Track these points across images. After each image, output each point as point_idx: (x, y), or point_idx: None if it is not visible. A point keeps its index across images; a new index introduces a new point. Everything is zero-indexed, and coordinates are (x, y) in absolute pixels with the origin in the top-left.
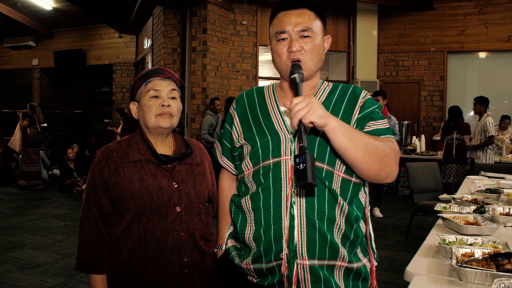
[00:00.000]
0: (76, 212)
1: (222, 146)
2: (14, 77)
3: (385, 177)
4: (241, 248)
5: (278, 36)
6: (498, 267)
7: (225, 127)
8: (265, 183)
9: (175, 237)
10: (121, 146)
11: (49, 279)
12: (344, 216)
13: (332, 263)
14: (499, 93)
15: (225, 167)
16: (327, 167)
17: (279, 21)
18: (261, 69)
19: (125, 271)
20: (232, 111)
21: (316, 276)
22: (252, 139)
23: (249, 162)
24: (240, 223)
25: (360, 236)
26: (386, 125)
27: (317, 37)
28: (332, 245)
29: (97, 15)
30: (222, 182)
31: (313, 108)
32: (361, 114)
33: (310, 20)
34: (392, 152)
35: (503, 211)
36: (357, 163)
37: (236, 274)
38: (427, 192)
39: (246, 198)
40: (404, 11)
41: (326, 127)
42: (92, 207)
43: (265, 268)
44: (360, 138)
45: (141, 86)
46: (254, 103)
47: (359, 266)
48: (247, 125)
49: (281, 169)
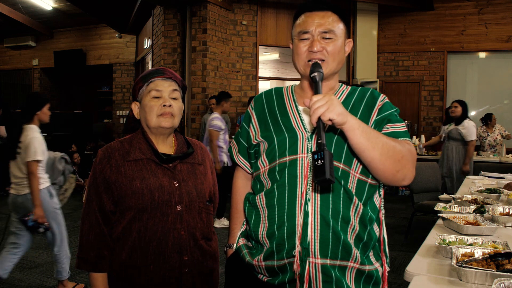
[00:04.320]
0: (76, 212)
1: (238, 144)
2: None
3: (402, 179)
4: (253, 246)
5: (300, 35)
6: (498, 267)
7: (242, 125)
8: (281, 180)
9: (175, 236)
10: (123, 145)
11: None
12: (359, 216)
13: (344, 263)
14: (499, 93)
15: (240, 166)
16: (343, 166)
17: (302, 22)
18: (261, 69)
19: (125, 270)
20: (250, 110)
21: (328, 275)
22: (270, 137)
23: (265, 159)
24: (253, 220)
25: (374, 239)
26: (404, 128)
27: (339, 40)
28: (345, 245)
29: (97, 15)
30: (237, 181)
31: (333, 105)
32: (379, 117)
33: (333, 23)
34: (410, 155)
35: (503, 211)
36: (374, 163)
37: (246, 273)
38: (427, 192)
39: (260, 195)
40: (404, 11)
41: (344, 126)
42: (94, 206)
43: (277, 266)
44: (378, 138)
45: (142, 86)
46: (272, 102)
47: (371, 269)
48: (265, 123)
49: (297, 166)
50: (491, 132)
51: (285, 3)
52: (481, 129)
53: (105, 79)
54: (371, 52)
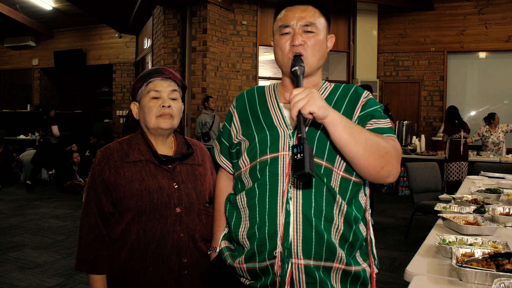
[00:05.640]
0: (76, 212)
1: (220, 144)
2: (14, 77)
3: (386, 176)
4: (235, 248)
5: (281, 30)
6: (498, 267)
7: (224, 125)
8: (261, 178)
9: (175, 238)
10: (122, 146)
11: (49, 279)
12: (343, 216)
13: (329, 264)
14: (499, 93)
15: (222, 166)
16: (326, 163)
17: (283, 16)
18: (261, 69)
19: (124, 272)
20: (232, 109)
21: (311, 277)
22: (251, 135)
23: (246, 158)
24: (234, 221)
25: (360, 239)
26: (388, 125)
27: (320, 34)
28: (329, 245)
29: (97, 15)
30: (219, 182)
31: (313, 98)
32: (363, 113)
33: (314, 16)
34: (394, 151)
35: (503, 211)
36: (357, 159)
37: (229, 276)
38: (427, 192)
39: (241, 194)
40: (404, 11)
41: (326, 119)
42: (92, 207)
43: (258, 268)
44: (361, 133)
45: (141, 87)
46: (254, 101)
47: (357, 270)
48: (246, 122)
49: (278, 164)
50: (494, 131)
51: None
52: (484, 128)
53: (105, 79)
54: (371, 52)
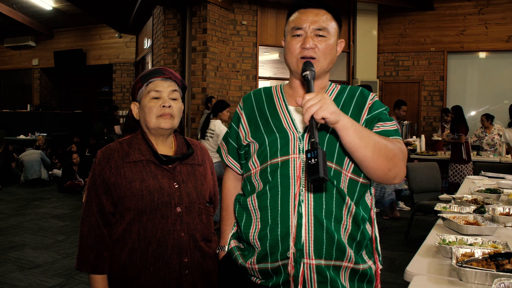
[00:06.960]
0: (76, 212)
1: (228, 145)
2: (14, 77)
3: (393, 177)
4: (245, 248)
5: (293, 32)
6: (498, 267)
7: (231, 126)
8: (273, 181)
9: (175, 238)
10: (122, 146)
11: (49, 279)
12: (351, 216)
13: (339, 263)
14: (499, 93)
15: (230, 167)
16: (335, 166)
17: (296, 18)
18: (261, 69)
19: (125, 271)
20: (239, 110)
21: (322, 276)
22: (260, 138)
23: (256, 161)
24: (244, 222)
25: (367, 238)
26: (394, 127)
27: (332, 38)
28: (339, 245)
29: (97, 15)
30: (227, 182)
31: (326, 104)
32: (370, 115)
33: (326, 21)
34: (401, 153)
35: (503, 211)
36: (366, 162)
37: (239, 275)
38: (427, 192)
39: (252, 196)
40: (404, 11)
41: (337, 124)
42: (93, 207)
43: (271, 268)
44: (370, 137)
45: (142, 87)
46: (262, 102)
47: (364, 268)
48: (255, 123)
49: (289, 167)
50: (489, 132)
51: (285, 3)
52: (480, 129)
53: (105, 79)
54: (371, 52)
